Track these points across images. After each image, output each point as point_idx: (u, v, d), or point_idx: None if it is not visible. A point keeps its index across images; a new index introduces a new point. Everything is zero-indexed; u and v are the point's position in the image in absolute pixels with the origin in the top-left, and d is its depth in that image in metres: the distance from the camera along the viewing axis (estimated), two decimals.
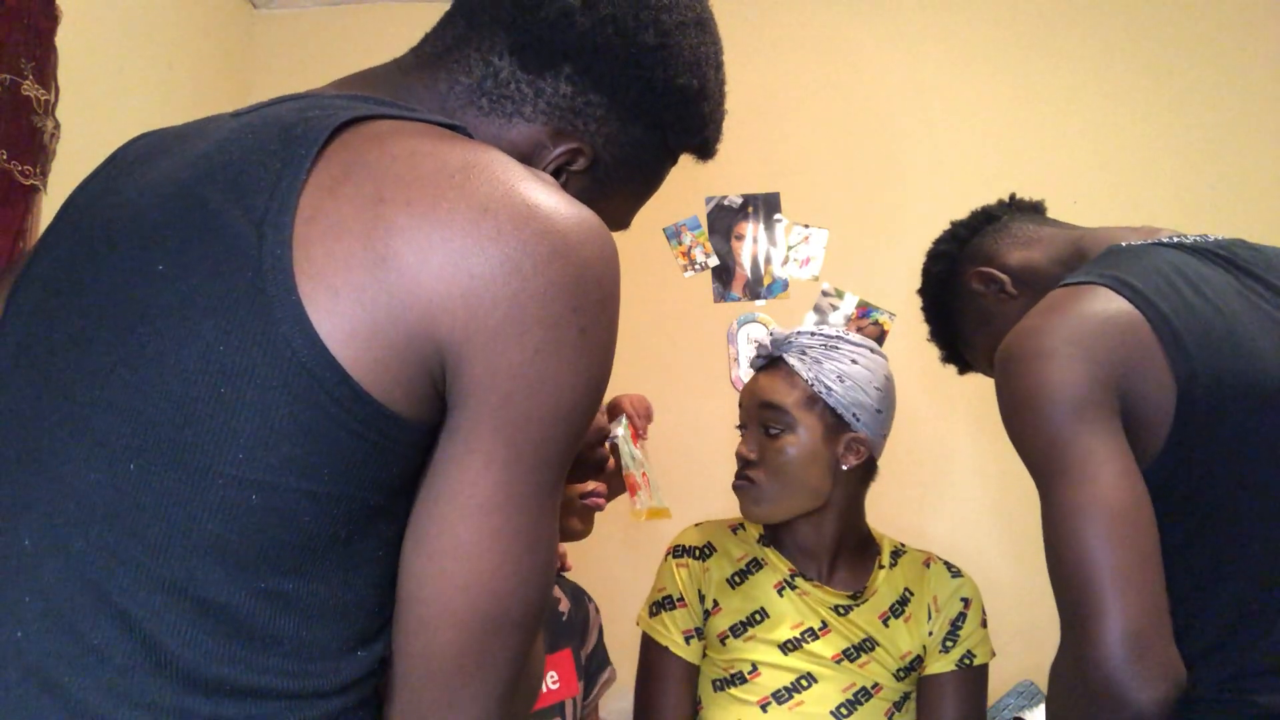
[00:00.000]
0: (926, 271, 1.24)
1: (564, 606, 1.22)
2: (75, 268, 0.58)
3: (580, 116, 0.67)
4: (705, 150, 0.75)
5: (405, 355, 0.51)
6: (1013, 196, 1.23)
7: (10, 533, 0.53)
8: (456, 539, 0.52)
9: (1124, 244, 0.96)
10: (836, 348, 1.29)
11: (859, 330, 2.16)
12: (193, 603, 0.49)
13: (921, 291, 1.26)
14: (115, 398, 0.51)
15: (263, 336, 0.49)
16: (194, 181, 0.55)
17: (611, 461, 1.06)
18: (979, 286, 1.13)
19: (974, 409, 2.11)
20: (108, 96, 1.76)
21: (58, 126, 1.53)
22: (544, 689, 1.16)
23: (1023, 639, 1.95)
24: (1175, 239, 0.95)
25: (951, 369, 1.30)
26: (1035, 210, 1.20)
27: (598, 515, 1.12)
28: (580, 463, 1.00)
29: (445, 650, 0.53)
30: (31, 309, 0.59)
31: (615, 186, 0.71)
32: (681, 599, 1.31)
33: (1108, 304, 0.86)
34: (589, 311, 0.54)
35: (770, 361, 1.33)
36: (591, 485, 1.09)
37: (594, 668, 1.26)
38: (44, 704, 0.49)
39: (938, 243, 1.24)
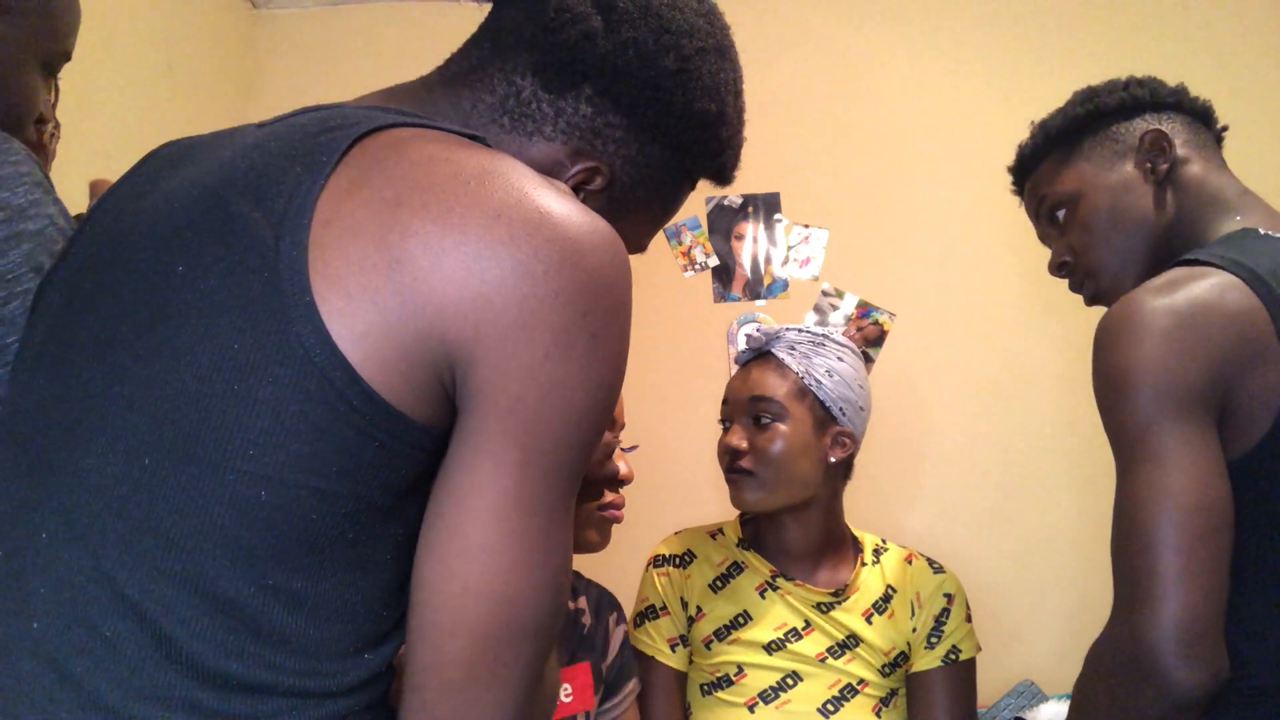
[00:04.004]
0: (1094, 96, 1.09)
1: (586, 619, 1.21)
2: (99, 269, 0.59)
3: (599, 137, 0.68)
4: (722, 175, 0.76)
5: (416, 357, 0.51)
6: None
7: (28, 525, 0.54)
8: (467, 543, 0.52)
9: (1262, 231, 0.92)
10: (824, 345, 1.33)
11: (859, 330, 2.16)
12: (203, 597, 0.50)
13: (1066, 112, 1.11)
14: (132, 394, 0.53)
15: (277, 335, 0.50)
16: (216, 185, 0.57)
17: (626, 472, 1.07)
18: (1145, 143, 1.02)
19: (971, 409, 2.10)
20: (108, 96, 1.77)
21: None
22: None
23: (1020, 640, 1.95)
24: None
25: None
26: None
27: (615, 527, 1.12)
28: (591, 478, 1.00)
29: (458, 658, 0.52)
30: (56, 310, 0.61)
31: (632, 208, 0.72)
32: (664, 607, 1.33)
33: (1236, 298, 0.82)
34: (599, 317, 0.54)
35: (757, 356, 1.36)
36: (610, 497, 1.10)
37: (615, 679, 1.25)
38: (57, 694, 0.50)
39: (1130, 82, 1.09)
